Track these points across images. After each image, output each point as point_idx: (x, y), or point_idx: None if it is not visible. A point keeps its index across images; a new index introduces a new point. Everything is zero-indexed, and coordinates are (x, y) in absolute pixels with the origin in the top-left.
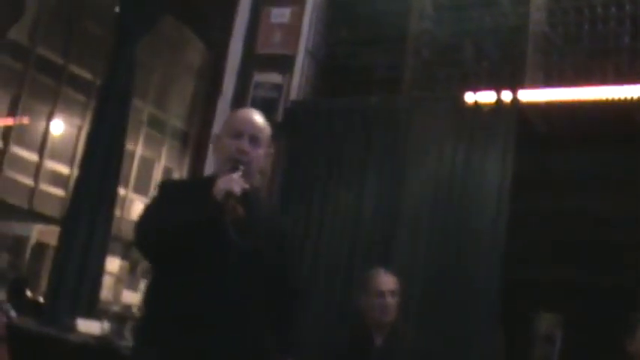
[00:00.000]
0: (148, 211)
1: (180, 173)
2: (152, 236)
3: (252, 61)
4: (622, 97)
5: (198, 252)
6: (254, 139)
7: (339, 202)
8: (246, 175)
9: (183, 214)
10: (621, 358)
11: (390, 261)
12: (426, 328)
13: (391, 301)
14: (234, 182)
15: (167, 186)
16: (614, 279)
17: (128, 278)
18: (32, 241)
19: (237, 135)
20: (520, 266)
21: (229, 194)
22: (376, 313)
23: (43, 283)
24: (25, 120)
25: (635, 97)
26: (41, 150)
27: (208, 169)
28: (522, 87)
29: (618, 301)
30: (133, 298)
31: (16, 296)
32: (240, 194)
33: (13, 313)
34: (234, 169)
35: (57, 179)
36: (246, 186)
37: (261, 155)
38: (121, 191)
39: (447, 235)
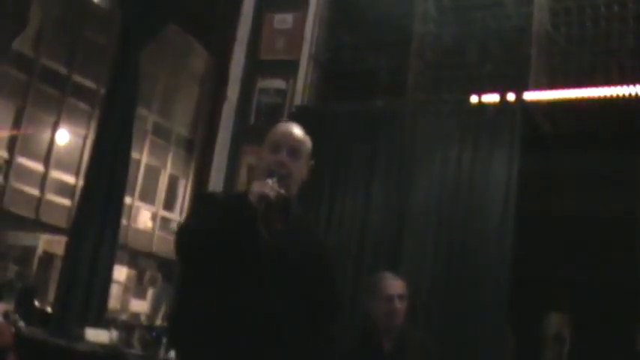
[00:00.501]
0: (187, 220)
1: (185, 181)
2: (190, 241)
3: (255, 67)
4: (626, 96)
5: (233, 258)
6: (292, 152)
7: (345, 205)
8: (283, 186)
9: (219, 217)
10: (631, 357)
11: (398, 263)
12: (434, 330)
13: (400, 305)
14: (268, 187)
15: (204, 197)
16: (622, 278)
17: (136, 287)
18: (39, 251)
19: (276, 148)
20: (528, 266)
21: (263, 197)
22: (385, 318)
23: (51, 293)
24: (30, 130)
25: (639, 95)
26: (47, 160)
27: (214, 175)
28: (527, 88)
29: (627, 301)
30: (140, 306)
31: (24, 306)
32: (277, 202)
33: (21, 323)
34: (270, 176)
35: (63, 189)
36: (281, 191)
37: (301, 167)
38: (127, 200)
39: (455, 236)
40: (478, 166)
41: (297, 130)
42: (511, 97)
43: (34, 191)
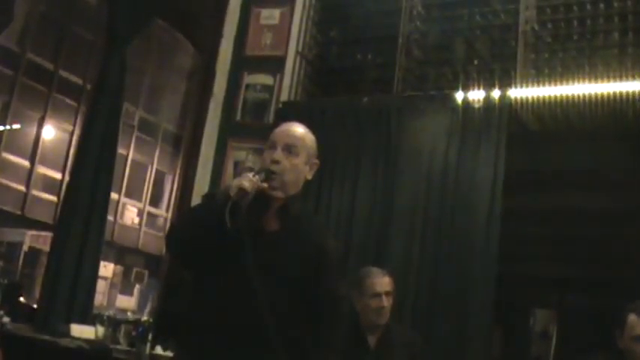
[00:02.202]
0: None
1: (172, 177)
2: (173, 237)
3: (242, 62)
4: (612, 93)
5: (216, 255)
6: (288, 149)
7: (332, 201)
8: (272, 182)
9: (197, 212)
10: (615, 352)
11: (384, 259)
12: (420, 325)
13: (387, 303)
14: (247, 179)
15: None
16: (607, 274)
17: (122, 283)
18: (25, 247)
19: (272, 146)
20: (515, 263)
21: (240, 189)
22: (371, 315)
23: (37, 289)
24: (16, 126)
25: (625, 92)
26: (33, 156)
27: (201, 171)
28: (513, 85)
29: (612, 296)
30: (127, 302)
31: (9, 302)
32: (255, 194)
33: (6, 319)
34: (255, 171)
35: (49, 185)
36: (263, 185)
37: (298, 164)
38: (114, 196)
39: (441, 233)
40: (465, 162)
41: (294, 128)
42: (497, 93)
43: (20, 187)
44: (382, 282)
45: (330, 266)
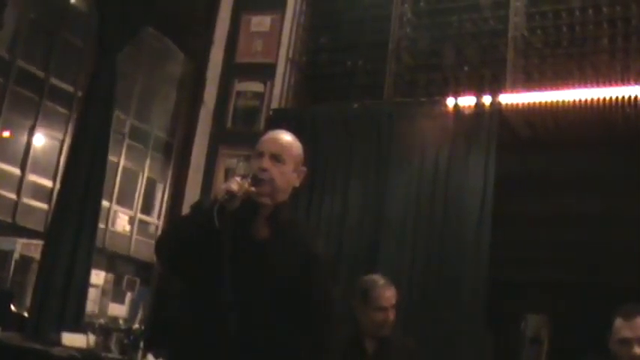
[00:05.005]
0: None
1: (163, 184)
2: (162, 243)
3: (233, 70)
4: (601, 99)
5: (204, 263)
6: (275, 157)
7: (323, 208)
8: (260, 188)
9: (186, 216)
10: (607, 355)
11: (376, 265)
12: (412, 331)
13: (392, 315)
14: (235, 183)
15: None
16: (599, 279)
17: (114, 291)
18: (16, 255)
19: (260, 154)
20: (506, 268)
21: (228, 192)
22: (374, 327)
23: (28, 297)
24: (7, 134)
25: (614, 98)
26: (23, 164)
27: (192, 179)
28: (503, 90)
29: (605, 301)
30: (118, 310)
31: (0, 310)
32: (242, 197)
33: None
34: (243, 176)
35: (40, 193)
36: (252, 189)
37: (286, 172)
38: (105, 203)
39: (432, 238)
40: (455, 168)
41: (281, 136)
42: (487, 99)
43: (11, 195)
44: (389, 296)
45: (321, 270)
